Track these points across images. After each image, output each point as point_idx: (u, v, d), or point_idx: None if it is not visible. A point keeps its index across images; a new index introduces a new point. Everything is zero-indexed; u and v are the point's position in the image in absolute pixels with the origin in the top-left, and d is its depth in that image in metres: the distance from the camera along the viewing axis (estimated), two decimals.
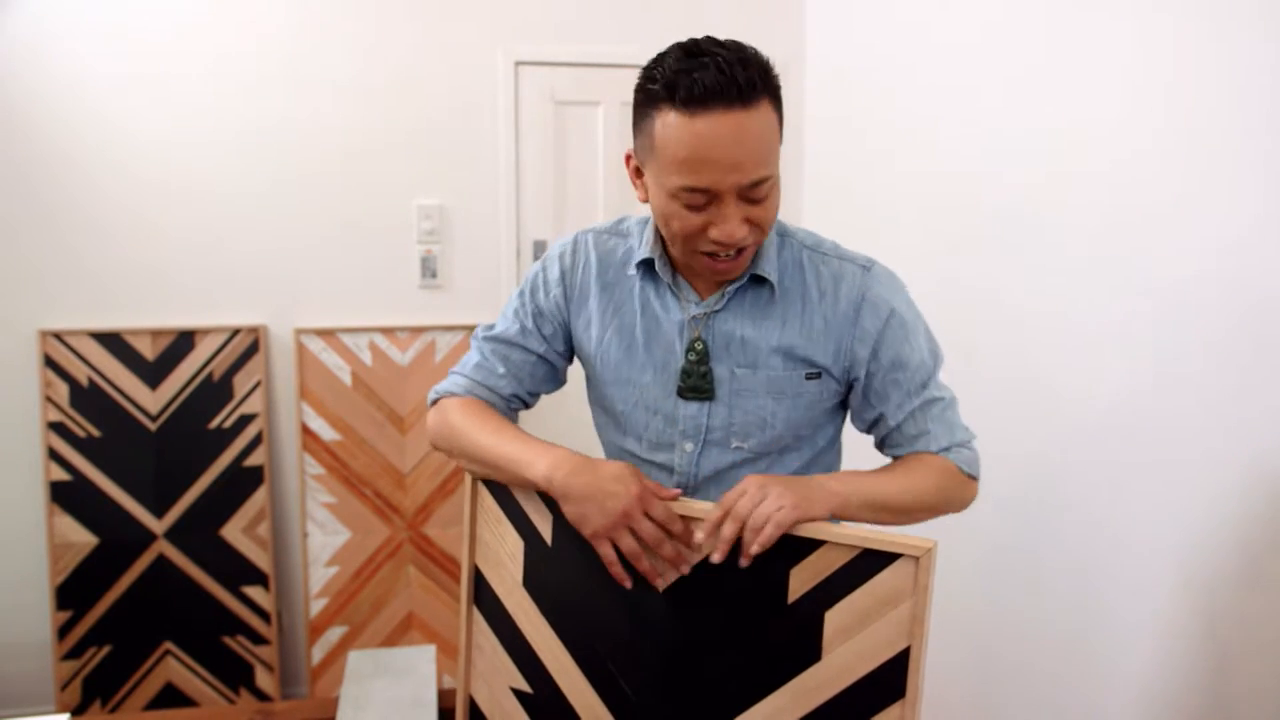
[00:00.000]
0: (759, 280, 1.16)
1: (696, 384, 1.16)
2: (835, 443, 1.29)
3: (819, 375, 1.16)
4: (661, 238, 1.17)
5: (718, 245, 1.06)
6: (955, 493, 1.18)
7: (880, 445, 1.24)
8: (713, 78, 0.98)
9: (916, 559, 0.99)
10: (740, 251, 1.08)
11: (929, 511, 1.16)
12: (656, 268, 1.18)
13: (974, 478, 1.20)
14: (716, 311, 1.16)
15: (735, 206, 1.03)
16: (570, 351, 1.30)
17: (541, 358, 1.27)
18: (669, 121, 1.01)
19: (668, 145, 1.02)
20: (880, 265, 1.19)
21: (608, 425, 1.29)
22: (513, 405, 1.29)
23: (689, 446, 1.19)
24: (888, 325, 1.15)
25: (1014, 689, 1.94)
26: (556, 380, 1.32)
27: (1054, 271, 1.78)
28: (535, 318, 1.26)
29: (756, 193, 1.04)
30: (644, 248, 1.19)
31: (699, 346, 1.16)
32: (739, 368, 1.16)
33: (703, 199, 1.03)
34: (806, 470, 1.23)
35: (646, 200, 1.12)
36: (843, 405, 1.24)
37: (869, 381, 1.17)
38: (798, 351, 1.15)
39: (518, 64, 2.82)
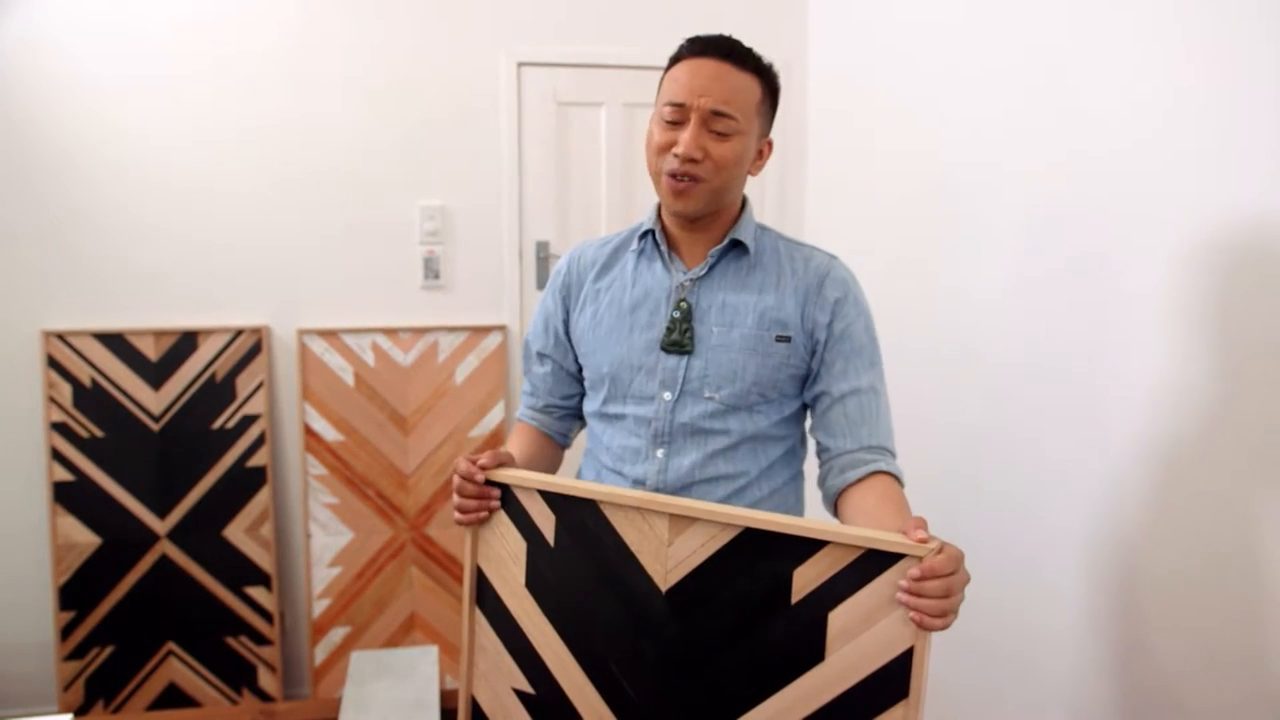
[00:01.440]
0: (738, 250, 1.34)
1: (677, 339, 1.32)
2: (801, 421, 1.40)
3: (788, 340, 1.31)
4: (660, 218, 1.38)
5: (677, 159, 1.25)
6: None
7: (822, 418, 1.32)
8: (713, 38, 1.28)
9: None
10: (694, 181, 1.26)
11: None
12: (655, 236, 1.37)
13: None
14: (702, 278, 1.34)
15: (698, 129, 1.25)
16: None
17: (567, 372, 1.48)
18: (673, 69, 1.30)
19: (666, 81, 1.30)
20: (843, 260, 1.38)
21: (595, 395, 1.41)
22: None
23: (667, 395, 1.33)
24: (844, 299, 1.33)
25: (1013, 685, 1.94)
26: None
27: (1057, 268, 1.78)
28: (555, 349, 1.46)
29: (718, 124, 1.25)
30: (646, 223, 1.39)
31: (684, 306, 1.33)
32: (718, 326, 1.32)
33: (677, 114, 1.26)
34: (778, 430, 1.35)
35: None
36: (804, 382, 1.35)
37: (824, 350, 1.32)
38: (771, 313, 1.32)
39: (520, 65, 2.82)
